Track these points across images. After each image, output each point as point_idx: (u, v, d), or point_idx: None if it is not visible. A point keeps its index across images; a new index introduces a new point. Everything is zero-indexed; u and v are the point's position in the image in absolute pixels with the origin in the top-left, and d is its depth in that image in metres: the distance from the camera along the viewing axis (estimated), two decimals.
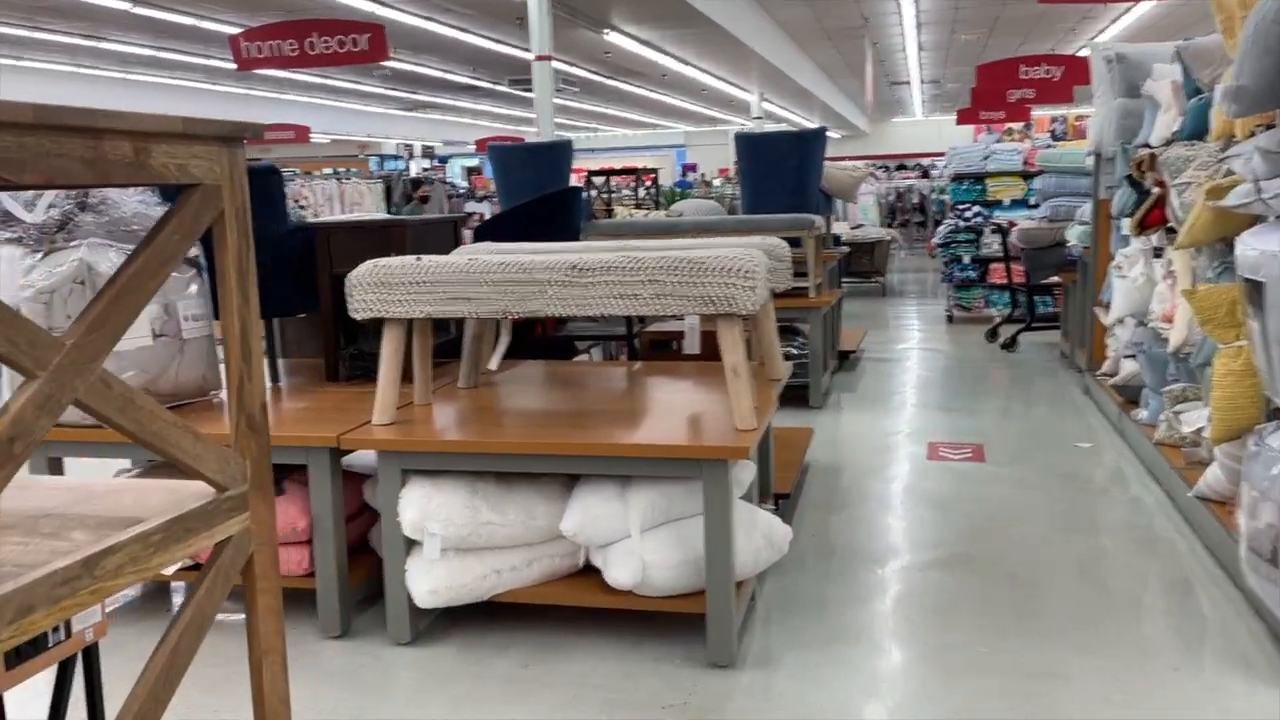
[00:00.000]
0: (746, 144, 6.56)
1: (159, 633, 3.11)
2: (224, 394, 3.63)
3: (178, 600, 3.53)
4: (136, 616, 3.39)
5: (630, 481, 2.98)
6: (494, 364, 3.62)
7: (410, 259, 3.03)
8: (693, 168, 28.68)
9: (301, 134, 17.99)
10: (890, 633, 3.10)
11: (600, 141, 36.66)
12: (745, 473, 3.04)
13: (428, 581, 2.96)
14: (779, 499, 4.04)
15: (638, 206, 7.33)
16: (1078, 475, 4.67)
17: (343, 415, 3.23)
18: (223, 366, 4.13)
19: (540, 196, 6.10)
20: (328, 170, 14.60)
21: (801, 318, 6.15)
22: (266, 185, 3.64)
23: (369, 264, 3.04)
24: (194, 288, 3.43)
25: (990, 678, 2.81)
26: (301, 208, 11.50)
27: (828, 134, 6.64)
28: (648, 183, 7.32)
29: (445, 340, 4.08)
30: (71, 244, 3.10)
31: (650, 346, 4.42)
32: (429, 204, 11.76)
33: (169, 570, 3.20)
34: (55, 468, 3.31)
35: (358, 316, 3.04)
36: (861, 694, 2.75)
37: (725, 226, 5.98)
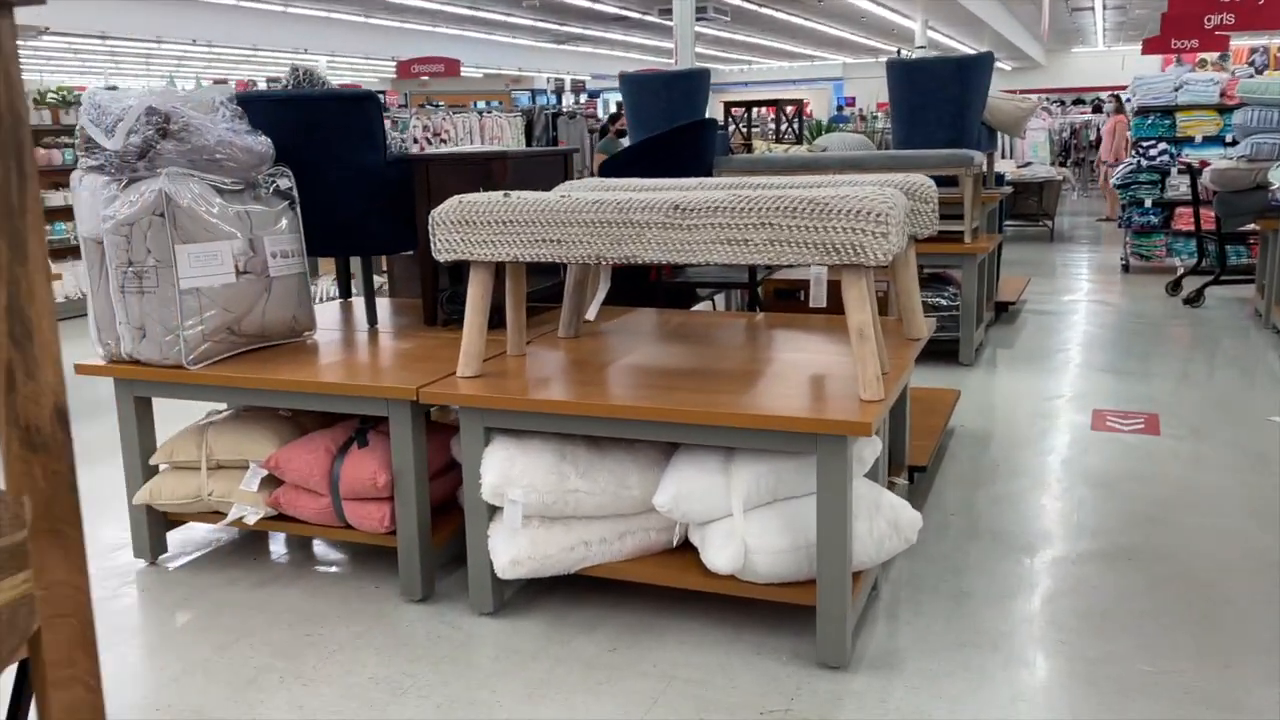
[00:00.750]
0: (900, 72, 5.97)
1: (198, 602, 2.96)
2: (316, 335, 3.45)
3: (272, 549, 3.40)
4: (214, 564, 3.27)
5: (735, 453, 2.63)
6: (591, 314, 3.30)
7: (497, 195, 2.72)
8: (851, 102, 27.51)
9: (451, 67, 17.98)
10: (1035, 639, 2.67)
11: (754, 74, 35.66)
12: (869, 448, 2.64)
13: (510, 550, 2.69)
14: (914, 472, 3.61)
15: (778, 141, 6.84)
16: (1270, 456, 4.04)
17: (431, 364, 2.98)
18: (320, 306, 3.98)
19: (670, 130, 5.71)
20: (480, 104, 14.49)
21: (954, 265, 5.59)
22: (362, 114, 3.40)
23: (453, 200, 2.74)
24: (284, 222, 3.22)
25: (1154, 703, 2.36)
26: (443, 140, 11.42)
27: (996, 63, 5.98)
28: (790, 115, 6.81)
29: (553, 284, 3.78)
30: (153, 173, 2.93)
31: (774, 296, 4.03)
32: (569, 139, 11.49)
33: (242, 516, 3.05)
34: (143, 407, 3.19)
35: (440, 258, 2.76)
36: (995, 713, 2.35)
37: (871, 163, 5.46)
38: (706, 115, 6.59)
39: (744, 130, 7.01)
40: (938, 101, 5.82)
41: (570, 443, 2.74)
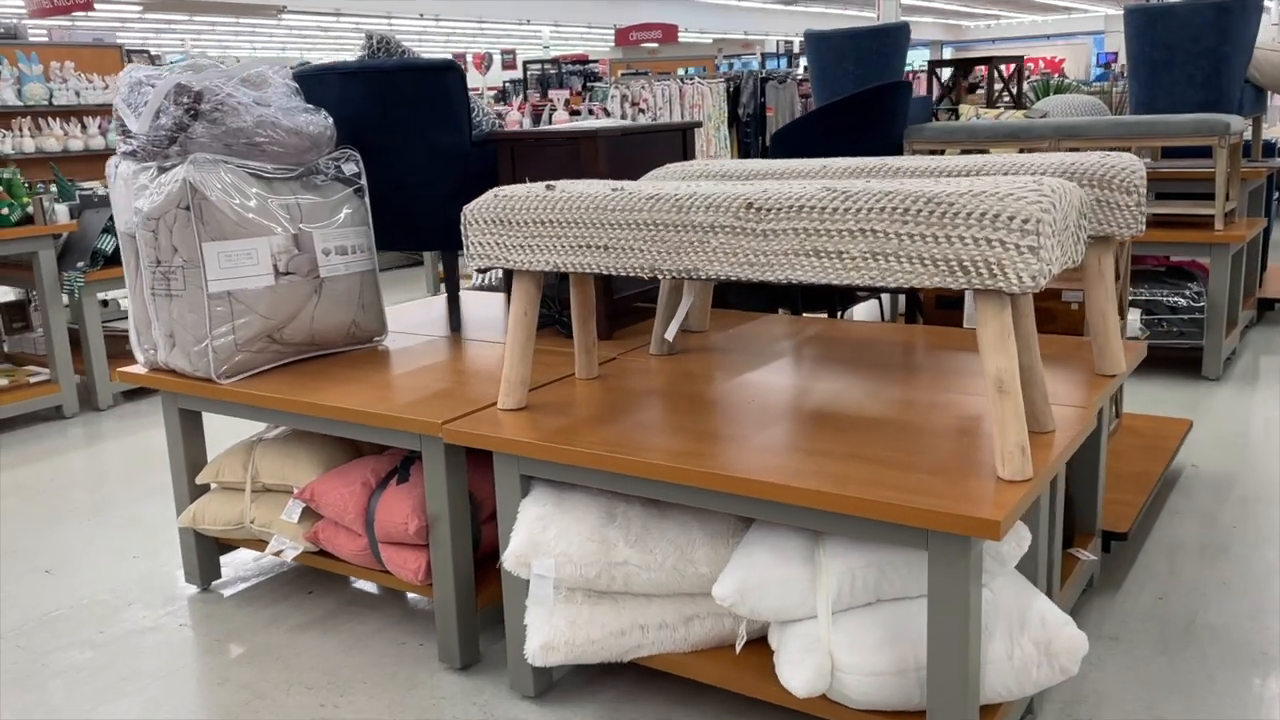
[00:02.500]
0: (1140, 21, 4.93)
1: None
2: (387, 341, 3.03)
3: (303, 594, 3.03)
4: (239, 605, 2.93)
5: (825, 536, 1.98)
6: (670, 333, 2.69)
7: (539, 187, 2.17)
8: (1115, 58, 24.95)
9: (669, 33, 17.50)
10: None
11: (1001, 30, 33.17)
12: (1012, 542, 1.92)
13: (543, 633, 2.16)
14: (1110, 539, 2.79)
15: (990, 105, 5.90)
16: None
17: (496, 385, 2.49)
18: (393, 308, 3.57)
19: (851, 96, 4.96)
20: (689, 70, 13.95)
21: (1200, 255, 4.55)
22: (439, 86, 2.92)
23: (489, 195, 2.21)
24: (343, 213, 2.81)
25: None
26: (641, 110, 10.96)
27: (1265, 4, 4.82)
28: (1007, 75, 5.85)
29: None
30: (184, 160, 2.57)
31: (937, 304, 3.28)
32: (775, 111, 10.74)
33: (280, 551, 2.68)
34: (190, 420, 2.88)
35: (474, 265, 2.24)
36: None
37: (1096, 131, 4.51)
38: (899, 78, 5.76)
39: (952, 95, 6.10)
40: (1187, 56, 4.75)
41: (623, 501, 2.17)
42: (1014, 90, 5.88)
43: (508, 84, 15.88)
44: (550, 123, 7.19)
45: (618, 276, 2.76)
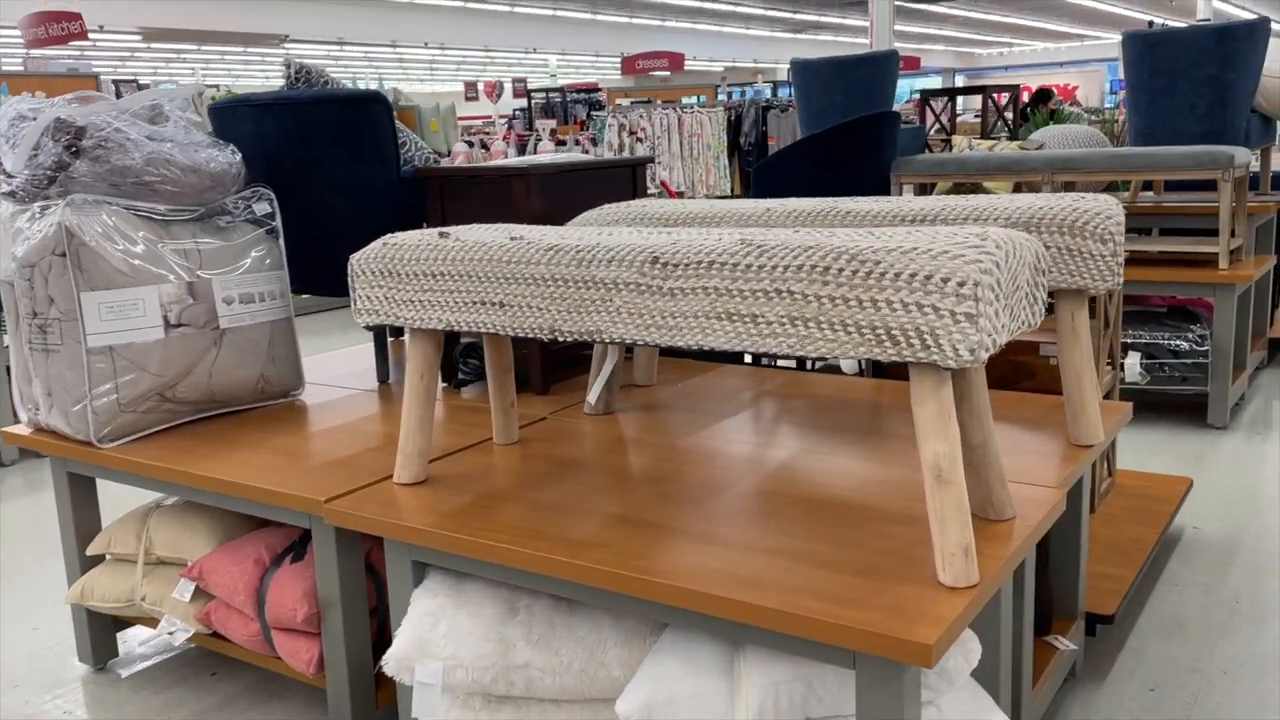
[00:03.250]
0: (1138, 47, 4.67)
1: None
2: (306, 395, 2.78)
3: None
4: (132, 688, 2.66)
5: (746, 646, 1.70)
6: (593, 397, 2.42)
7: (432, 235, 1.92)
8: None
9: (675, 61, 17.37)
10: None
11: (1015, 57, 32.99)
12: (959, 656, 1.64)
13: None
14: (1095, 623, 2.50)
15: (984, 136, 5.65)
16: None
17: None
18: (322, 356, 3.33)
19: (834, 128, 4.72)
20: (690, 99, 13.76)
21: (1204, 295, 4.27)
22: (364, 119, 2.69)
23: (378, 243, 1.97)
24: (251, 257, 2.57)
25: None
26: (639, 140, 10.75)
27: (1274, 29, 4.57)
28: (1002, 104, 5.60)
29: None
30: (63, 200, 2.34)
31: None
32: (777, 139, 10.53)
33: (171, 633, 2.42)
34: (82, 486, 2.63)
35: (360, 321, 1.99)
36: None
37: (1092, 164, 4.24)
38: (893, 107, 5.52)
39: (945, 123, 5.85)
40: (1189, 84, 4.48)
41: (527, 593, 1.91)
42: (1010, 120, 5.62)
43: (518, 112, 15.76)
44: (535, 153, 6.98)
45: None
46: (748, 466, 2.06)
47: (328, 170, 2.72)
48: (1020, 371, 2.63)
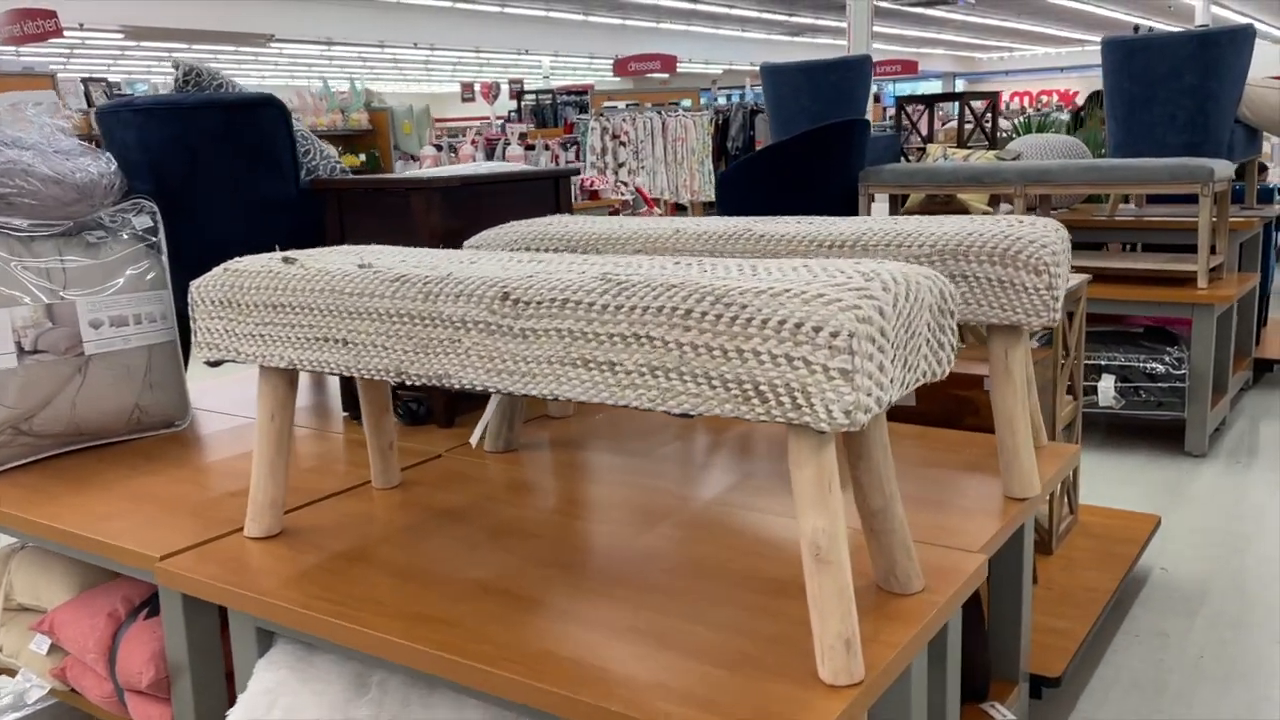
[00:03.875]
0: (1117, 54, 4.45)
1: None
2: (193, 424, 2.57)
3: None
4: None
5: None
6: (473, 439, 2.21)
7: (274, 260, 1.71)
8: None
9: (668, 63, 17.17)
10: None
11: (1015, 62, 32.77)
12: None
13: None
14: (1040, 685, 2.28)
15: (961, 145, 5.43)
16: None
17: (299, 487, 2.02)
18: (211, 384, 3.11)
19: (799, 135, 4.51)
20: (687, 102, 13.55)
21: (1180, 317, 4.05)
22: (255, 126, 2.48)
23: (219, 269, 1.75)
24: (126, 275, 2.36)
25: None
26: (622, 144, 10.54)
27: (1257, 37, 4.35)
28: (980, 112, 5.37)
29: None
30: None
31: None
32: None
33: (31, 695, 2.20)
34: None
35: (199, 356, 1.78)
36: None
37: (1067, 176, 4.03)
38: (866, 114, 5.31)
39: (921, 133, 5.63)
40: (1169, 93, 4.27)
41: (384, 666, 1.69)
42: (988, 129, 5.41)
43: (513, 114, 15.56)
44: (504, 158, 6.77)
45: None
46: (646, 520, 1.85)
47: (217, 181, 2.51)
48: (964, 407, 2.41)
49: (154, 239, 2.44)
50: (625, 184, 10.24)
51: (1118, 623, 2.77)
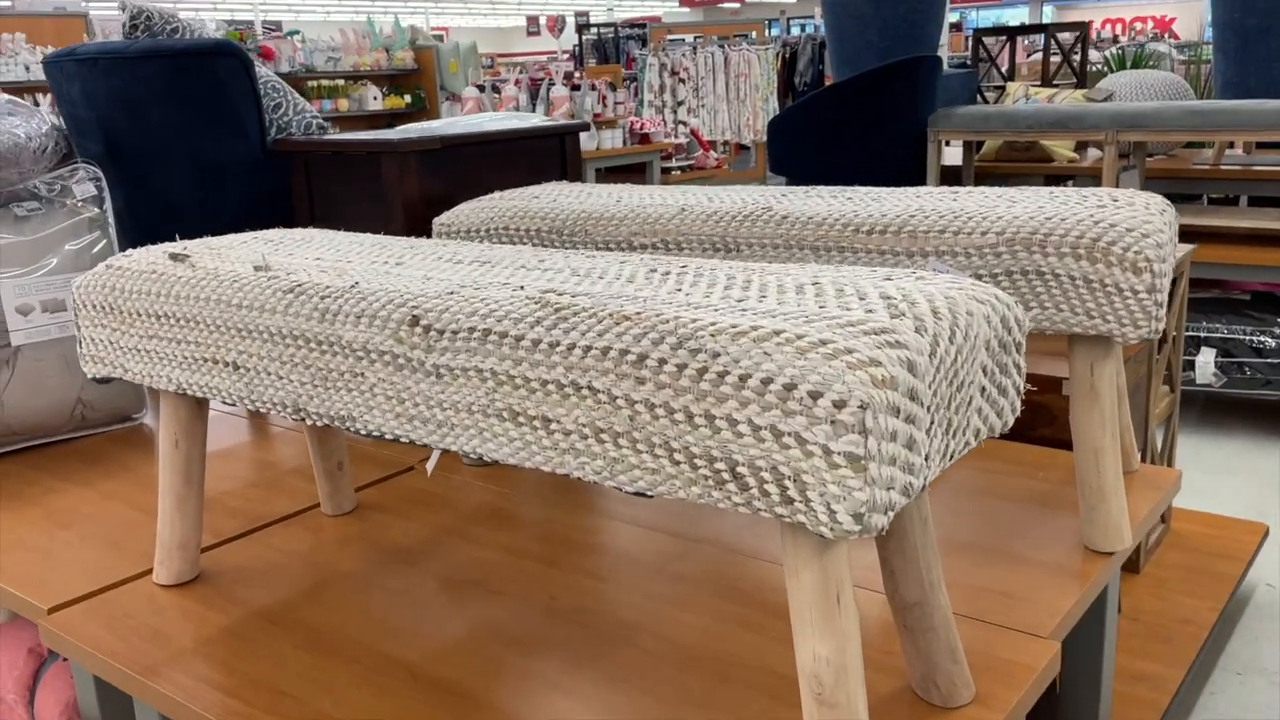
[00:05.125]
0: None
1: None
2: (145, 417, 2.28)
3: None
4: None
5: None
6: (429, 465, 1.87)
7: (164, 253, 1.38)
8: None
9: None
10: None
11: None
12: None
13: None
14: None
15: (1046, 83, 4.89)
16: None
17: (238, 513, 1.73)
18: None
19: (859, 76, 4.06)
20: (752, 36, 12.91)
21: None
22: (210, 78, 2.15)
23: (101, 267, 1.43)
24: (60, 253, 2.07)
25: None
26: (681, 81, 10.02)
27: None
28: (1069, 46, 4.81)
29: None
30: None
31: None
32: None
33: None
34: None
35: (88, 372, 1.46)
36: None
37: (1165, 121, 3.53)
38: (939, 49, 4.80)
39: (1001, 69, 5.09)
40: None
41: None
42: (1076, 65, 4.85)
43: (575, 49, 15.05)
44: (549, 99, 6.37)
45: None
46: (639, 570, 1.51)
47: (167, 140, 2.19)
48: (1036, 414, 2.01)
49: (96, 210, 2.13)
50: (684, 123, 9.76)
51: (1214, 656, 2.37)
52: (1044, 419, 2.03)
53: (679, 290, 1.03)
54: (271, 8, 24.68)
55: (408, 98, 9.46)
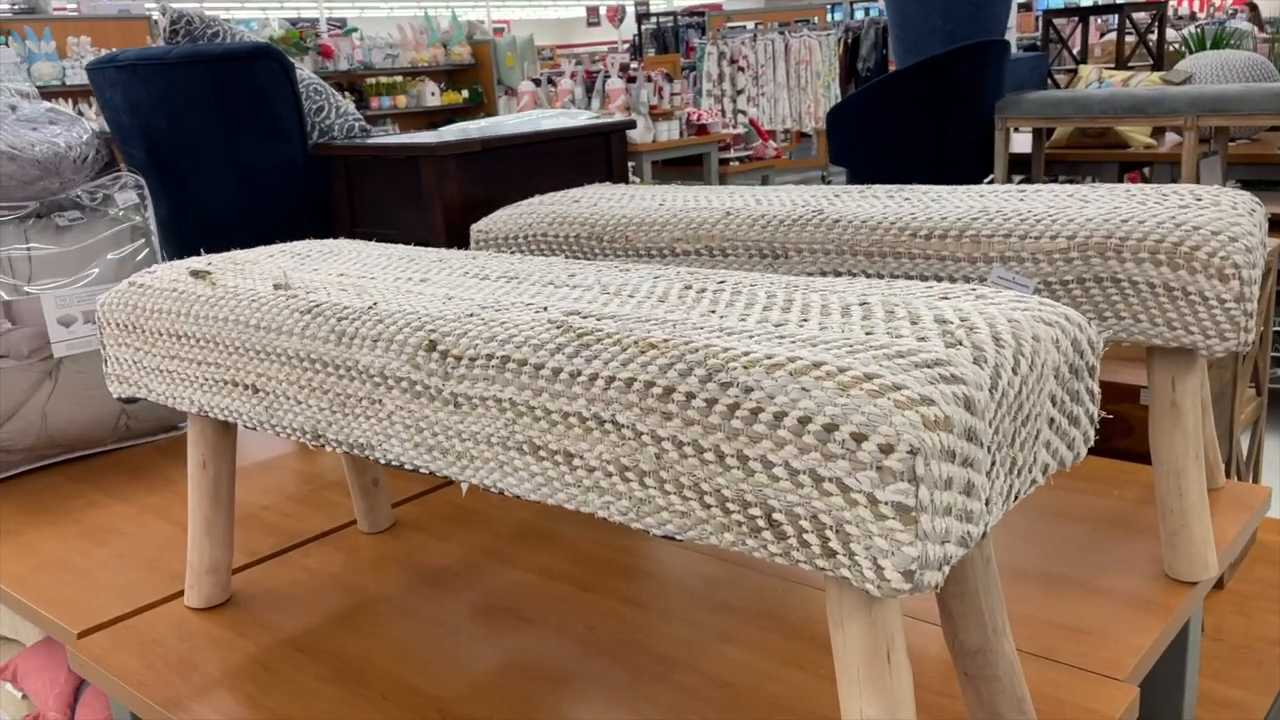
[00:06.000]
0: None
1: None
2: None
3: None
4: None
5: None
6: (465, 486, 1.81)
7: (181, 272, 1.33)
8: None
9: None
10: None
11: None
12: None
13: None
14: None
15: (1121, 66, 4.68)
16: None
17: (273, 532, 1.69)
18: None
19: (923, 63, 3.92)
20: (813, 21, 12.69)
21: None
22: (249, 83, 2.11)
23: (125, 284, 1.39)
24: (104, 262, 2.05)
25: None
26: (740, 69, 9.87)
27: None
28: (1144, 26, 4.60)
29: None
30: None
31: None
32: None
33: None
34: None
35: (114, 392, 1.43)
36: None
37: (1249, 105, 3.34)
38: (1007, 33, 4.63)
39: (1073, 51, 4.89)
40: None
41: None
42: (1153, 46, 4.63)
43: (637, 37, 14.95)
44: (604, 92, 6.30)
45: None
46: (682, 597, 1.43)
47: (207, 146, 2.16)
48: (1112, 425, 1.88)
49: (137, 218, 2.11)
50: (743, 113, 9.62)
51: None
52: (1120, 430, 1.90)
53: (713, 312, 0.95)
54: (336, 5, 24.95)
55: (465, 93, 9.46)
